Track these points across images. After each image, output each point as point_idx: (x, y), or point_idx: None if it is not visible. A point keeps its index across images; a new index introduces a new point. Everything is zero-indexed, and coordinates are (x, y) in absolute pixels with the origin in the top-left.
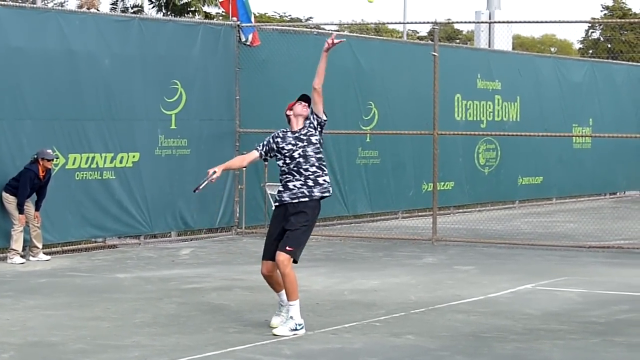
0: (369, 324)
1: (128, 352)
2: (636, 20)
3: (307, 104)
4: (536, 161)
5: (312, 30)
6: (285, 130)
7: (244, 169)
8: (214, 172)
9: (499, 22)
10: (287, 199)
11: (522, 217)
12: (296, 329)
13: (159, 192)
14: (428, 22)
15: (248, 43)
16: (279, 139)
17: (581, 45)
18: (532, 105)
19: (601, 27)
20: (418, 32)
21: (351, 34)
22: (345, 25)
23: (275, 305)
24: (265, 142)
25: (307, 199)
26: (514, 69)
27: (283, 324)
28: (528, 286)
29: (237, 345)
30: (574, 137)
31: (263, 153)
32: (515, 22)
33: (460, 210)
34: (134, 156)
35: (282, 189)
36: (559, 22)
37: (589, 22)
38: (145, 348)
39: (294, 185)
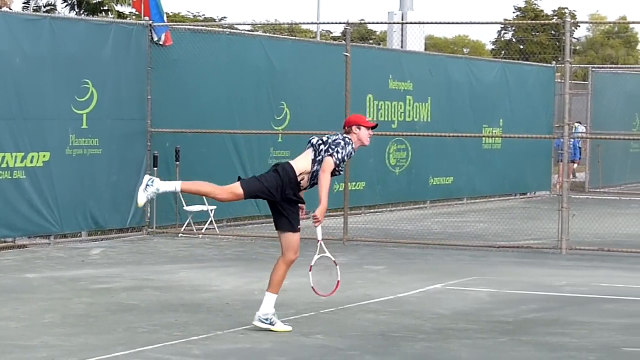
0: None
1: (36, 352)
2: (548, 21)
3: None
4: (447, 161)
5: (225, 30)
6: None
7: (155, 169)
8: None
9: (411, 22)
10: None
11: (433, 217)
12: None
13: (69, 192)
14: (340, 23)
15: (160, 43)
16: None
17: (493, 47)
18: (443, 106)
19: (513, 28)
20: (332, 33)
21: (264, 34)
22: (259, 25)
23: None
24: (348, 153)
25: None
26: (426, 70)
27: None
28: (438, 286)
29: (146, 345)
30: (484, 138)
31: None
32: (428, 22)
33: (372, 210)
34: (44, 156)
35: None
36: (471, 23)
37: (501, 24)
38: (53, 348)
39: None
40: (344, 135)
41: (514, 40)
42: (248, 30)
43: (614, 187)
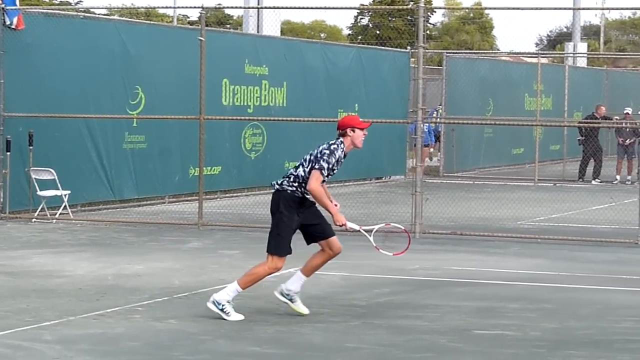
0: (132, 309)
1: None
2: (403, 7)
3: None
4: (302, 146)
5: (79, 14)
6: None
7: (8, 153)
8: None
9: (267, 7)
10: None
11: None
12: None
13: None
14: (195, 7)
15: (13, 26)
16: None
17: (350, 32)
18: (299, 91)
19: (370, 13)
20: (189, 17)
21: (120, 18)
22: (115, 9)
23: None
24: (333, 164)
25: None
26: (281, 55)
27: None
28: (292, 270)
29: None
30: None
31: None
32: (283, 7)
33: (227, 195)
34: None
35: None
36: (326, 8)
37: (357, 9)
38: None
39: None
40: (334, 141)
41: (370, 25)
42: (104, 15)
43: (469, 172)
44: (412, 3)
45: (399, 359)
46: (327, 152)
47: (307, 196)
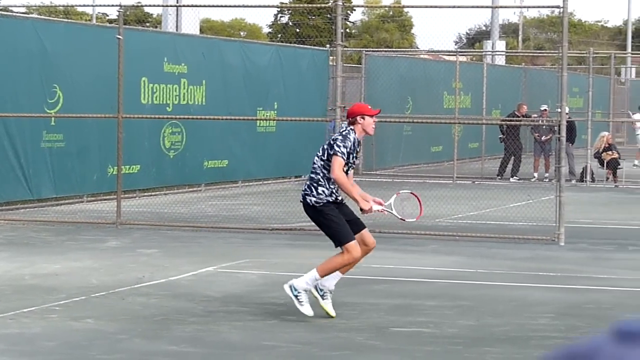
0: (49, 308)
1: None
2: (322, 5)
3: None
4: (222, 144)
5: None
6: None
7: None
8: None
9: (186, 5)
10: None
11: (208, 200)
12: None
13: None
14: (113, 5)
15: None
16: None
17: (270, 30)
18: (218, 89)
19: (290, 11)
20: (108, 15)
21: (38, 16)
22: (34, 8)
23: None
24: (350, 147)
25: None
26: (200, 53)
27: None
28: (210, 269)
29: None
30: (258, 121)
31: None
32: (202, 6)
33: (146, 194)
34: None
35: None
36: (245, 6)
37: (277, 7)
38: None
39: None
40: (345, 128)
41: (290, 23)
42: (22, 13)
43: (388, 170)
44: (331, 1)
45: (317, 357)
46: (340, 137)
47: (337, 195)
